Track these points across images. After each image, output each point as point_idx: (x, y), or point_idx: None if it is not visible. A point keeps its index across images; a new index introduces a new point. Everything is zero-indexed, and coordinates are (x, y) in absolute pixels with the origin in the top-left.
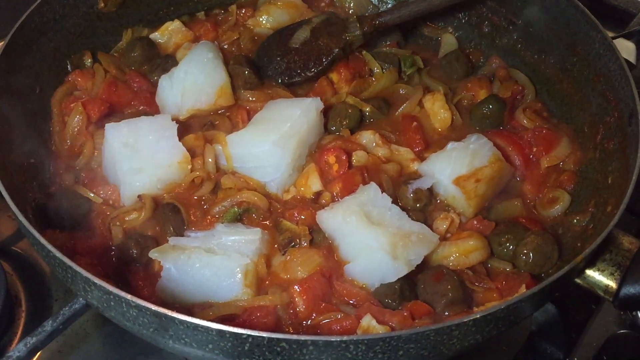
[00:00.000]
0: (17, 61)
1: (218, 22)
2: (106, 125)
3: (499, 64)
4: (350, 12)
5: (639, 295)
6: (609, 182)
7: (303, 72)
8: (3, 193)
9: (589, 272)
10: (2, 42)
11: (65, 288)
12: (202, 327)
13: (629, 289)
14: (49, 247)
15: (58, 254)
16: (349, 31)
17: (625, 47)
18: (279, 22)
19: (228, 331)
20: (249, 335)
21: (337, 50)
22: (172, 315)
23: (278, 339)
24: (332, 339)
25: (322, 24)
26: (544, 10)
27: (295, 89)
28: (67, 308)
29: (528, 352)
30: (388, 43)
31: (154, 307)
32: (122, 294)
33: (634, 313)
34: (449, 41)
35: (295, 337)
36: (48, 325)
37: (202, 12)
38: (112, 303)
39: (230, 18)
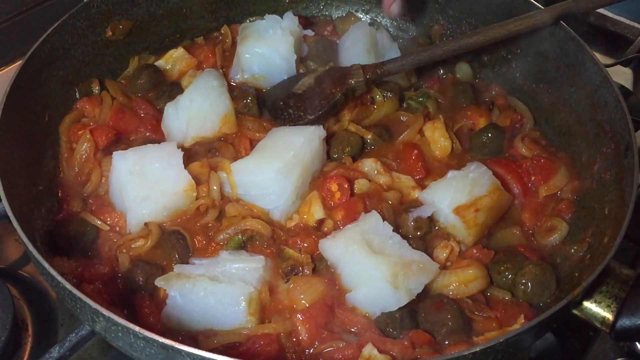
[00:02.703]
0: (27, 90)
1: (216, 44)
2: (113, 153)
3: (498, 92)
4: None
5: (635, 328)
6: (606, 212)
7: (305, 115)
8: (13, 222)
9: (586, 304)
10: (15, 68)
11: (71, 313)
12: (208, 359)
13: (625, 322)
14: (58, 277)
15: (67, 285)
16: (352, 77)
17: (622, 74)
18: None
19: None
20: None
21: (339, 95)
22: (179, 347)
23: None
24: None
25: (327, 72)
26: (542, 41)
27: None
28: (73, 334)
29: None
30: None
31: (161, 340)
32: (130, 325)
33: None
34: (463, 70)
35: None
36: (55, 352)
37: (201, 37)
38: (119, 334)
39: (227, 40)
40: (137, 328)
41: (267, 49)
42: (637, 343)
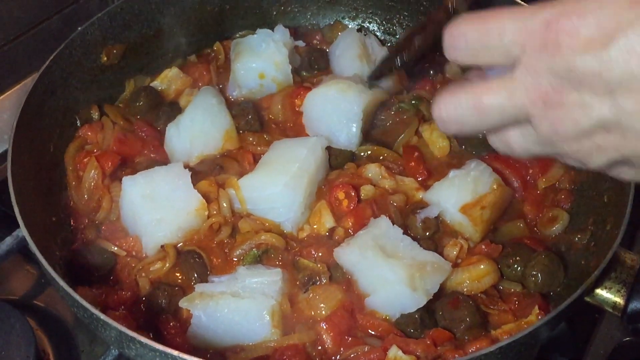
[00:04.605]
0: (32, 123)
1: (209, 61)
2: (123, 178)
3: None
4: None
5: None
6: (605, 200)
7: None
8: (38, 256)
9: (598, 291)
10: (12, 95)
11: (90, 339)
12: None
13: (636, 304)
14: (92, 310)
15: (102, 316)
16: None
17: None
18: None
19: None
20: None
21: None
22: None
23: None
24: None
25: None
26: None
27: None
28: None
29: None
30: None
31: None
32: (169, 350)
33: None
34: (452, 69)
35: None
36: None
37: (194, 55)
38: (157, 359)
39: (220, 56)
40: (175, 352)
41: (262, 63)
42: None
